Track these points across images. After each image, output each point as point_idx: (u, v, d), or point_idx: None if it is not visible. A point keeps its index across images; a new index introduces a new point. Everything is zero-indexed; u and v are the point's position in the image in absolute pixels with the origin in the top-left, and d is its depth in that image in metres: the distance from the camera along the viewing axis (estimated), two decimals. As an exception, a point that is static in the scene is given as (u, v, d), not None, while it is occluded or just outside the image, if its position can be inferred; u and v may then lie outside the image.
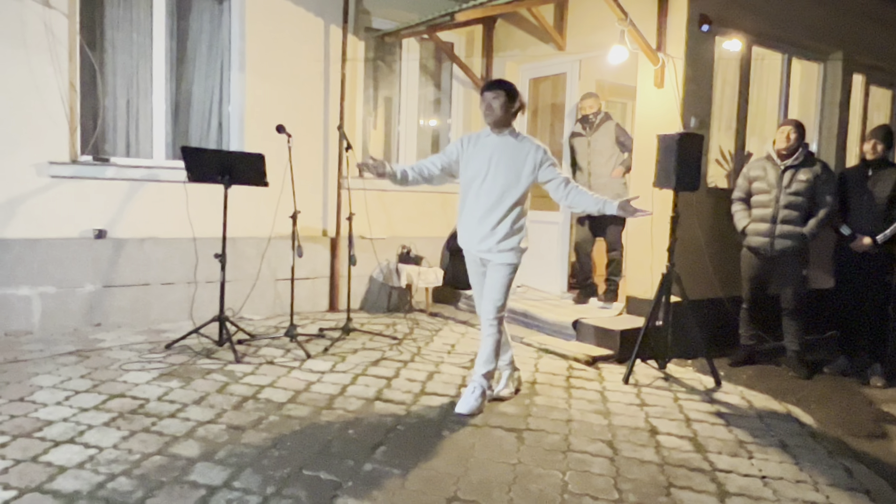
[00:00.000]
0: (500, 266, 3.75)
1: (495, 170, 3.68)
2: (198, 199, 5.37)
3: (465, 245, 3.88)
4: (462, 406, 3.72)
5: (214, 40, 5.93)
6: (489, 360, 3.79)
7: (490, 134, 3.75)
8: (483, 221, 3.72)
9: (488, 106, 3.65)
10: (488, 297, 3.76)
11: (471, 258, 3.91)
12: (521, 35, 6.57)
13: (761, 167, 4.94)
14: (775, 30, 5.79)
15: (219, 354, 4.58)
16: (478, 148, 3.76)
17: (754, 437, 3.59)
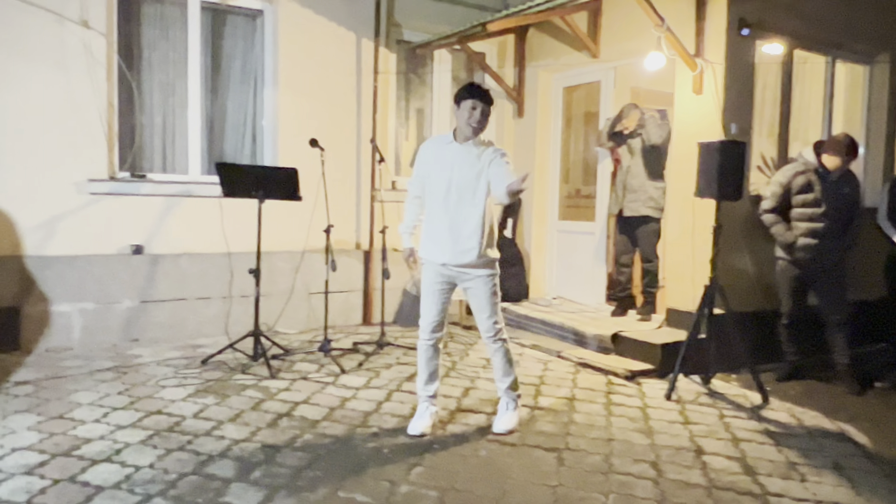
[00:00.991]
0: (484, 279, 3.57)
1: (461, 179, 3.47)
2: (232, 214, 5.39)
3: (435, 258, 3.57)
4: (499, 426, 3.63)
5: (248, 57, 5.98)
6: (507, 372, 3.70)
7: (452, 142, 3.53)
8: (456, 234, 3.50)
9: (478, 118, 3.43)
10: (484, 314, 3.60)
11: (434, 271, 3.59)
12: (553, 44, 6.49)
13: (806, 179, 4.70)
14: (818, 32, 5.61)
15: (254, 370, 4.57)
16: (438, 157, 3.56)
17: (806, 457, 3.43)
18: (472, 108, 3.44)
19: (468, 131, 3.48)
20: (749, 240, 5.15)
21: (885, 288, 4.98)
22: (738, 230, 5.06)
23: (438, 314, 3.62)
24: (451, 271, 3.58)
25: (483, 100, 3.45)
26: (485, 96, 3.47)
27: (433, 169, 3.57)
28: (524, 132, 6.95)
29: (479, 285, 3.57)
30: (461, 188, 3.49)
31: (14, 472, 2.92)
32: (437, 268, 3.59)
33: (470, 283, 3.58)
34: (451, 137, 3.56)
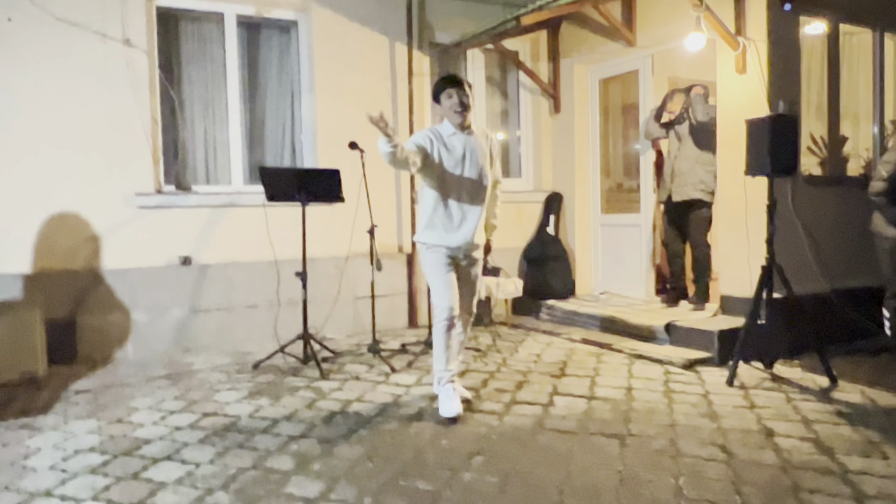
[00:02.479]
0: (479, 262, 3.84)
1: (471, 168, 3.62)
2: (277, 221, 5.42)
3: (447, 243, 3.64)
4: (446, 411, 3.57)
5: (284, 66, 6.06)
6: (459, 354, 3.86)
7: (455, 132, 3.62)
8: (467, 221, 3.66)
9: (461, 104, 3.54)
10: (472, 297, 3.85)
11: (442, 256, 3.65)
12: (587, 35, 6.42)
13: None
14: (864, 3, 5.43)
15: (304, 372, 4.57)
16: (446, 147, 3.61)
17: (885, 435, 3.25)
18: (448, 96, 3.58)
19: (456, 119, 3.59)
20: (805, 220, 4.97)
21: None
22: (794, 210, 4.89)
23: (453, 293, 3.64)
24: (455, 254, 3.71)
25: (453, 84, 3.58)
26: (456, 81, 3.60)
27: (443, 155, 3.60)
28: (562, 128, 6.87)
29: (477, 266, 3.84)
30: (475, 173, 3.64)
31: (78, 472, 2.94)
32: (445, 250, 3.67)
33: (468, 261, 3.78)
34: (451, 128, 3.63)
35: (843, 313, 4.92)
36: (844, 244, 5.22)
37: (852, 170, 5.70)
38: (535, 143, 7.08)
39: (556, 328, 5.86)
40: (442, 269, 3.66)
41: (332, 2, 5.91)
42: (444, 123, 3.70)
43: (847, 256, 5.23)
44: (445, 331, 3.64)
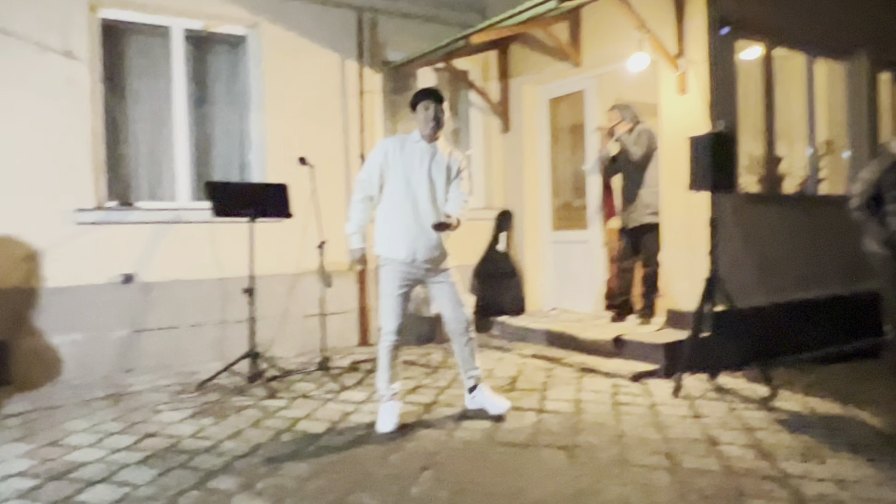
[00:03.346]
0: (451, 271, 3.78)
1: (433, 177, 3.64)
2: (224, 237, 5.33)
3: (406, 257, 3.62)
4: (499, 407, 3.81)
5: (233, 82, 5.99)
6: (477, 358, 3.90)
7: (420, 140, 3.66)
8: (426, 233, 3.61)
9: (435, 118, 3.61)
10: (458, 305, 3.77)
11: (397, 272, 3.65)
12: (536, 56, 6.55)
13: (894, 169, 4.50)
14: (796, 30, 5.70)
15: (252, 391, 4.46)
16: (405, 154, 3.63)
17: (823, 441, 3.35)
18: (425, 108, 3.63)
19: (427, 130, 3.63)
20: (745, 237, 5.14)
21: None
22: (734, 227, 5.06)
23: (402, 315, 3.68)
24: (417, 269, 3.66)
25: (434, 98, 3.64)
26: (434, 95, 3.67)
27: (398, 166, 3.62)
28: (512, 146, 6.97)
29: (447, 278, 3.75)
30: (433, 184, 3.64)
31: (7, 497, 2.79)
32: (403, 267, 3.64)
33: (438, 277, 3.74)
34: (418, 136, 3.67)
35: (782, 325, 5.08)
36: (783, 258, 5.42)
37: (788, 188, 5.93)
38: (486, 162, 7.15)
39: (507, 344, 5.88)
40: (395, 290, 3.66)
41: (283, 18, 5.89)
42: (414, 132, 3.72)
43: (786, 270, 5.43)
44: (389, 350, 3.69)
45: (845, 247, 5.88)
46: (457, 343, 3.86)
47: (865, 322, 5.79)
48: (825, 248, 5.76)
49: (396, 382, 3.76)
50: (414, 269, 3.66)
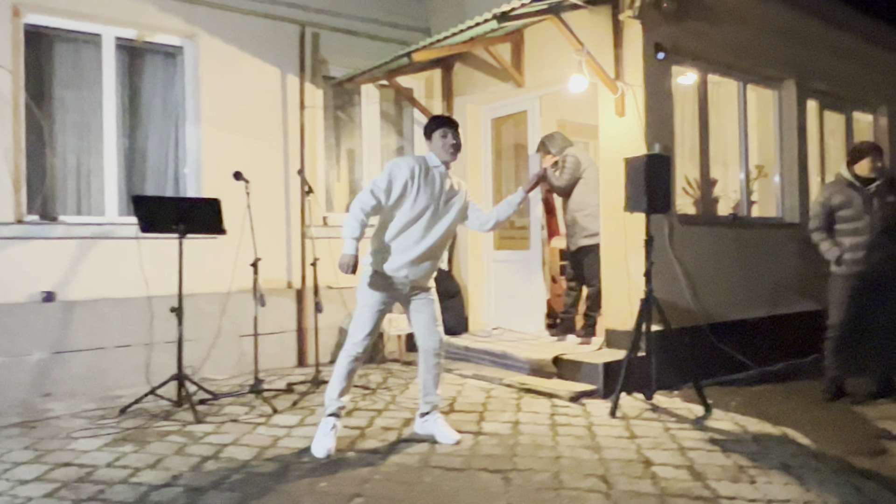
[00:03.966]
0: (432, 293, 3.79)
1: (446, 205, 3.68)
2: (153, 254, 5.12)
3: (395, 273, 3.61)
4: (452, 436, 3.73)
5: (168, 94, 5.80)
6: (440, 385, 3.84)
7: (439, 165, 3.67)
8: (430, 255, 3.67)
9: (456, 145, 3.67)
10: (436, 324, 3.75)
11: (384, 286, 3.62)
12: (479, 76, 6.58)
13: (843, 193, 4.70)
14: (728, 57, 5.88)
15: (178, 415, 4.26)
16: (428, 179, 3.61)
17: (754, 461, 3.39)
18: (443, 135, 3.66)
19: (447, 157, 3.67)
20: (681, 257, 5.22)
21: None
22: (671, 248, 5.14)
23: (375, 330, 3.68)
24: (405, 287, 3.66)
25: (452, 126, 3.72)
26: (452, 123, 3.75)
27: (421, 188, 3.57)
28: (455, 165, 6.87)
29: (427, 297, 3.75)
30: (447, 210, 3.68)
31: None
32: (392, 283, 3.63)
33: (421, 297, 3.73)
34: (437, 161, 3.67)
35: (716, 346, 5.17)
36: (717, 279, 5.53)
37: (722, 210, 6.08)
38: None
39: (448, 364, 5.78)
40: (373, 306, 3.63)
41: (222, 30, 5.76)
42: (431, 155, 3.70)
43: (720, 291, 5.54)
44: (351, 361, 3.64)
45: (777, 268, 6.09)
46: (424, 364, 3.78)
47: (797, 342, 5.96)
48: (758, 269, 5.91)
49: (346, 397, 3.69)
50: (402, 286, 3.66)
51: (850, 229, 4.71)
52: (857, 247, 4.67)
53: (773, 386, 5.17)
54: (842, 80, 7.07)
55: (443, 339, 3.78)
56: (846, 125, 7.48)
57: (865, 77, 7.44)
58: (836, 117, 7.37)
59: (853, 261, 4.68)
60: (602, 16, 5.24)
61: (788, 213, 6.48)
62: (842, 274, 4.75)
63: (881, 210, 4.63)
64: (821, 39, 6.71)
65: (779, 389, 5.06)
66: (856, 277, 4.70)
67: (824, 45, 6.76)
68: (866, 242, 4.63)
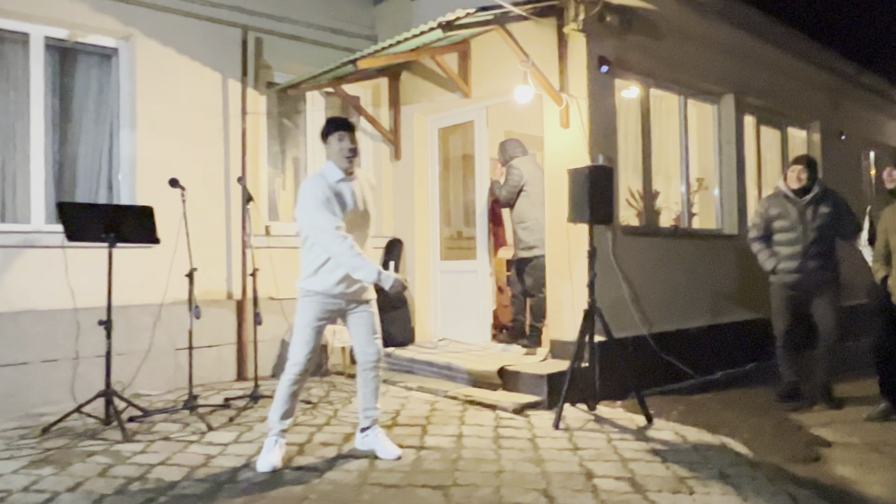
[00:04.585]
0: (371, 303, 3.70)
1: (364, 213, 3.60)
2: (81, 264, 4.87)
3: (330, 289, 3.50)
4: (393, 451, 3.62)
5: (102, 97, 5.57)
6: (379, 398, 3.74)
7: (342, 178, 3.51)
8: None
9: (351, 148, 3.49)
10: (374, 336, 3.67)
11: (320, 305, 3.52)
12: (426, 85, 6.54)
13: (780, 205, 4.87)
14: (670, 72, 6.00)
15: (105, 434, 4.04)
16: (336, 193, 3.47)
17: (693, 471, 3.40)
18: (339, 139, 3.50)
19: (344, 163, 3.51)
20: (624, 268, 5.27)
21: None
22: (614, 259, 5.18)
23: (315, 349, 3.58)
24: (341, 302, 3.57)
25: (347, 129, 3.54)
26: (348, 125, 3.56)
27: (336, 203, 3.47)
28: (402, 175, 6.89)
29: (366, 309, 3.66)
30: (362, 221, 3.61)
31: None
32: (328, 299, 3.54)
33: (358, 308, 3.64)
34: (339, 174, 3.51)
35: (658, 356, 5.22)
36: (659, 290, 5.60)
37: (664, 222, 6.18)
38: (376, 189, 7.01)
39: (393, 377, 5.71)
40: (311, 322, 3.54)
41: (159, 32, 5.57)
42: (329, 168, 3.54)
43: (662, 301, 5.61)
44: (292, 382, 3.54)
45: (716, 278, 6.22)
46: (362, 377, 3.71)
47: (736, 350, 6.09)
48: (698, 279, 6.02)
49: (289, 419, 3.59)
50: (338, 301, 3.56)
51: (784, 239, 4.87)
52: (791, 256, 4.82)
53: (714, 394, 5.25)
54: (778, 96, 7.31)
55: (381, 351, 3.70)
56: (781, 140, 7.73)
57: (800, 94, 7.71)
58: (772, 132, 7.60)
59: (787, 270, 4.83)
60: (547, 28, 5.27)
61: (727, 224, 6.63)
62: (778, 283, 4.92)
63: (815, 220, 4.78)
64: (758, 56, 6.93)
65: (719, 398, 5.15)
66: (790, 287, 4.84)
67: (761, 63, 6.98)
68: (800, 252, 4.77)
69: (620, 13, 5.31)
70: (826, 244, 4.81)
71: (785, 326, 4.93)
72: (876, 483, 3.35)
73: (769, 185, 7.49)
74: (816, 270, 4.79)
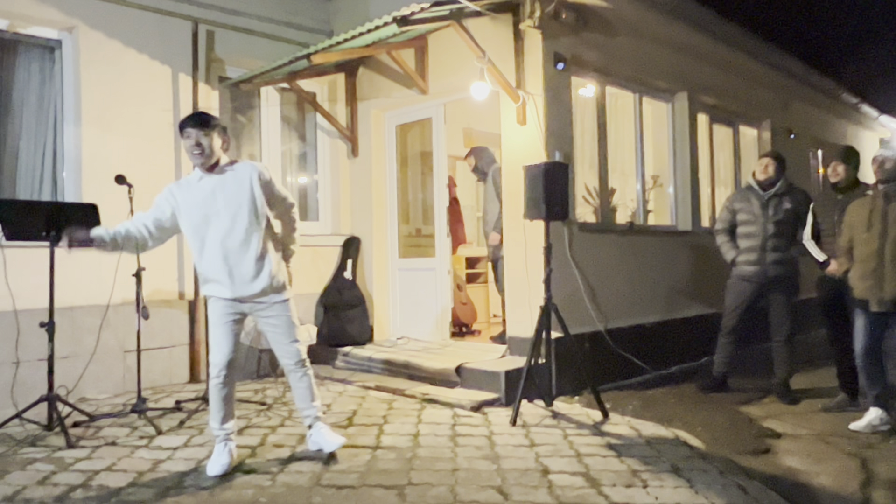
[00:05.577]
0: (281, 305, 3.49)
1: (226, 211, 3.33)
2: (20, 264, 4.66)
3: (224, 294, 3.40)
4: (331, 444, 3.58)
5: (45, 91, 5.37)
6: (315, 395, 3.65)
7: (203, 176, 3.36)
8: (238, 268, 3.36)
9: (196, 145, 3.28)
10: (287, 339, 3.53)
11: (223, 305, 3.42)
12: (383, 81, 6.48)
13: (745, 198, 4.98)
14: (625, 70, 6.06)
15: (48, 440, 3.88)
16: (192, 194, 3.36)
17: (646, 464, 3.43)
18: (187, 136, 3.31)
19: (195, 160, 3.34)
20: (580, 264, 5.30)
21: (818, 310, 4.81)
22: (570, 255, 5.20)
23: (232, 350, 3.46)
24: (242, 305, 3.44)
25: (193, 125, 3.30)
26: (194, 120, 3.32)
27: (186, 211, 3.36)
28: (360, 172, 6.81)
29: (276, 312, 3.49)
30: (230, 219, 3.33)
31: None
32: (227, 302, 3.43)
33: (266, 311, 3.47)
34: (199, 172, 3.39)
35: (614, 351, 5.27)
36: (615, 285, 5.65)
37: (620, 219, 6.23)
38: (333, 187, 6.94)
39: (350, 376, 5.64)
40: (218, 322, 3.44)
41: (104, 24, 5.38)
42: (195, 169, 3.41)
43: (618, 297, 5.66)
44: (219, 386, 3.45)
45: (671, 274, 6.30)
46: (291, 380, 3.62)
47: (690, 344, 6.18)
48: (653, 275, 6.10)
49: (230, 422, 3.50)
50: (237, 303, 3.43)
51: (744, 233, 4.99)
52: (750, 249, 4.93)
53: (668, 388, 5.32)
54: (730, 94, 7.45)
55: (300, 351, 3.56)
56: (734, 138, 7.88)
57: (751, 93, 7.88)
58: (725, 130, 7.74)
59: (746, 262, 4.93)
60: (504, 24, 5.26)
61: (682, 221, 6.73)
62: (735, 275, 5.03)
63: (776, 215, 4.87)
64: (711, 55, 7.05)
65: (673, 392, 5.22)
66: (747, 279, 4.94)
67: (714, 61, 7.10)
68: (758, 245, 4.88)
69: (576, 10, 5.33)
70: (785, 239, 4.88)
71: (735, 319, 5.04)
72: (822, 473, 3.43)
73: (722, 183, 7.66)
74: (774, 264, 4.88)
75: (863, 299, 4.08)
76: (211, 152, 3.31)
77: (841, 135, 10.56)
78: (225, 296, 3.40)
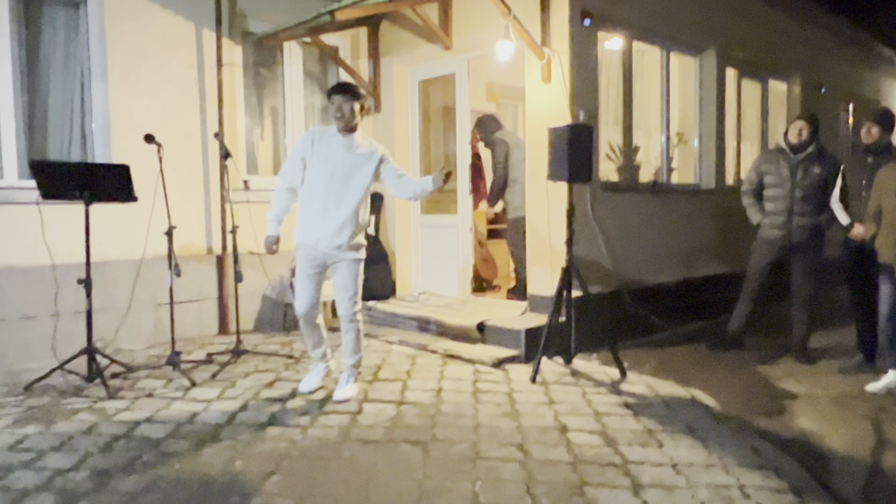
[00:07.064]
0: (350, 263, 3.91)
1: (342, 170, 3.83)
2: (57, 221, 4.81)
3: (307, 240, 3.87)
4: (340, 394, 3.94)
5: (72, 47, 5.39)
6: (356, 349, 4.03)
7: (336, 133, 3.88)
8: (328, 220, 3.82)
9: (339, 109, 3.80)
10: (347, 294, 3.93)
11: (308, 255, 3.89)
12: (407, 36, 6.41)
13: (773, 161, 4.90)
14: (653, 24, 5.94)
15: (89, 391, 4.09)
16: (324, 146, 3.86)
17: (662, 424, 3.54)
18: (332, 102, 3.83)
19: (339, 125, 3.84)
20: (602, 224, 5.33)
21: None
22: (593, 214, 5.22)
23: (312, 297, 3.95)
24: (322, 252, 3.86)
25: (342, 93, 3.83)
26: (344, 90, 3.87)
27: (316, 157, 3.84)
28: (382, 127, 6.82)
29: (348, 267, 3.91)
30: (344, 176, 3.83)
31: None
32: (310, 250, 3.87)
33: (339, 263, 3.90)
34: (335, 129, 3.88)
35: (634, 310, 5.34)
36: (636, 245, 5.68)
37: (644, 177, 6.21)
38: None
39: (374, 330, 5.79)
40: (301, 272, 3.94)
41: (128, -22, 5.36)
42: (332, 124, 3.91)
43: (638, 256, 5.70)
44: (303, 325, 4.02)
45: (692, 233, 6.31)
46: (342, 329, 4.01)
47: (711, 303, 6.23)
48: (674, 234, 6.11)
49: (319, 348, 4.11)
50: (318, 252, 3.86)
51: (771, 196, 4.94)
52: (775, 213, 4.89)
53: (686, 347, 5.40)
54: (759, 48, 7.27)
55: (350, 307, 3.93)
56: (762, 93, 7.72)
57: (781, 47, 7.67)
58: (753, 85, 7.59)
59: (771, 226, 4.91)
60: (529, -21, 5.16)
61: (705, 179, 6.69)
62: (761, 238, 5.01)
63: (804, 179, 4.80)
64: (740, 8, 6.86)
65: (690, 350, 5.30)
66: (771, 243, 4.93)
67: (743, 15, 6.91)
68: (784, 209, 4.84)
69: (604, -36, 5.21)
70: (812, 205, 4.79)
71: (757, 282, 5.05)
72: (835, 435, 3.52)
73: (749, 140, 7.55)
74: (800, 229, 4.83)
75: (889, 265, 4.08)
76: (351, 117, 3.81)
77: (874, 89, 10.28)
78: (313, 240, 3.83)
